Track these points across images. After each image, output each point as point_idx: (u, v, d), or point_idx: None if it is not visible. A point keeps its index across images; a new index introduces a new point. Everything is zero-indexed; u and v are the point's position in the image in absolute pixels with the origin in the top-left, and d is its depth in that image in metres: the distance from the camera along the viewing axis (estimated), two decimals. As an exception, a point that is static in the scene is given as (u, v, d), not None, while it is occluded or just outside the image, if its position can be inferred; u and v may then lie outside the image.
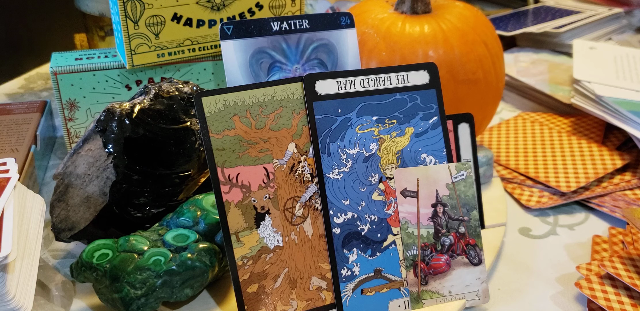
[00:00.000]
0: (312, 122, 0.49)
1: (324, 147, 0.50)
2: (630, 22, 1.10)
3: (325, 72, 0.50)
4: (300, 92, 0.50)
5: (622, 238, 0.61)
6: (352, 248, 0.50)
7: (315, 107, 0.49)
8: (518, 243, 0.62)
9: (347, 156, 0.50)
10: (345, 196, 0.50)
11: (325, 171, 0.50)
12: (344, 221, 0.50)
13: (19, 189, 0.48)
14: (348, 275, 0.50)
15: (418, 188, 0.51)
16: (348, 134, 0.50)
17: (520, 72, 0.94)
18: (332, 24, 0.57)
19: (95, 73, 0.66)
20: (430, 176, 0.51)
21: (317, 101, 0.50)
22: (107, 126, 0.53)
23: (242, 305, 0.48)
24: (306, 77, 0.49)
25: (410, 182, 0.51)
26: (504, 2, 1.25)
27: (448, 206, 0.52)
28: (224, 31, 0.53)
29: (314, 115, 0.49)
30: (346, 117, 0.50)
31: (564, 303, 0.54)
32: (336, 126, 0.50)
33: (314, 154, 0.50)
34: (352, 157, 0.50)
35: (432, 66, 0.53)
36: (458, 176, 0.52)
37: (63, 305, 0.51)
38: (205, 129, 0.47)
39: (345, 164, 0.50)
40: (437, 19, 0.65)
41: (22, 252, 0.44)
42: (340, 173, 0.50)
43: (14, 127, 0.71)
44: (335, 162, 0.50)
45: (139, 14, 0.62)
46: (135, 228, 0.56)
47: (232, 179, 0.48)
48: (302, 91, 0.50)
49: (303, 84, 0.49)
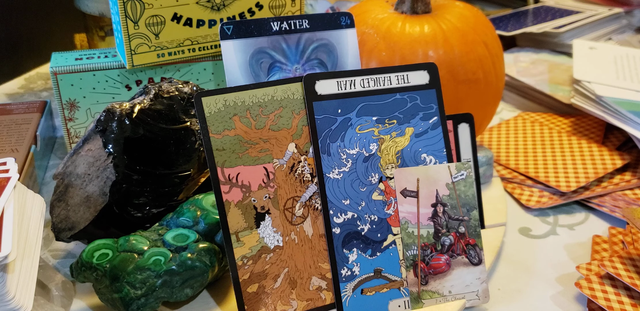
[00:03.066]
0: (312, 122, 0.49)
1: (324, 147, 0.50)
2: (630, 22, 1.10)
3: (326, 72, 0.50)
4: (300, 92, 0.50)
5: (622, 238, 0.61)
6: (352, 248, 0.50)
7: (315, 107, 0.49)
8: (518, 243, 0.62)
9: (347, 156, 0.50)
10: (345, 196, 0.50)
11: (325, 171, 0.50)
12: (344, 221, 0.50)
13: (19, 189, 0.48)
14: (348, 275, 0.50)
15: (418, 187, 0.51)
16: (348, 134, 0.50)
17: (520, 72, 0.94)
18: (332, 24, 0.57)
19: (95, 73, 0.66)
20: (430, 176, 0.51)
21: (317, 100, 0.50)
22: (107, 126, 0.53)
23: (242, 305, 0.48)
24: (306, 77, 0.49)
25: (410, 182, 0.51)
26: (504, 2, 1.25)
27: (448, 206, 0.52)
28: (224, 31, 0.53)
29: (314, 115, 0.49)
30: (346, 117, 0.50)
31: (564, 303, 0.54)
32: (336, 126, 0.50)
33: (314, 154, 0.50)
34: (352, 157, 0.50)
35: (432, 66, 0.53)
36: (458, 176, 0.52)
37: (63, 305, 0.51)
38: (205, 129, 0.47)
39: (345, 164, 0.50)
40: (437, 19, 0.65)
41: (22, 252, 0.44)
42: (340, 173, 0.50)
43: (14, 127, 0.71)
44: (335, 162, 0.50)
45: (139, 14, 0.62)
46: (135, 228, 0.56)
47: (232, 179, 0.48)
48: (302, 91, 0.50)
49: (303, 84, 0.49)
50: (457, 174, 0.52)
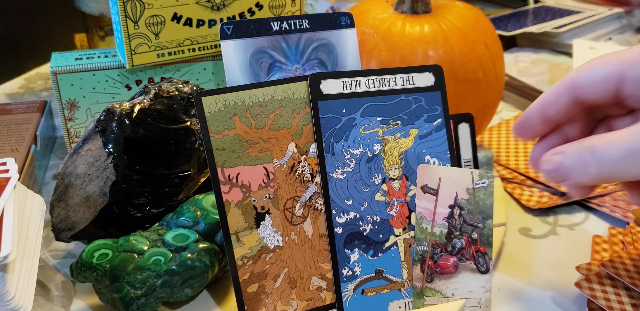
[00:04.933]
0: (316, 122, 0.49)
1: (328, 147, 0.50)
2: (630, 22, 1.10)
3: (331, 72, 0.50)
4: (300, 92, 0.50)
5: (622, 238, 0.61)
6: (353, 248, 0.50)
7: (320, 107, 0.49)
8: (518, 243, 0.62)
9: (351, 156, 0.50)
10: (348, 196, 0.50)
11: (328, 171, 0.50)
12: (346, 221, 0.50)
13: (19, 189, 0.48)
14: (349, 275, 0.50)
15: (439, 186, 0.51)
16: (352, 134, 0.50)
17: (520, 72, 0.94)
18: (332, 24, 0.57)
19: (95, 73, 0.66)
20: (452, 178, 0.52)
21: (322, 100, 0.49)
22: (107, 125, 0.53)
23: (242, 305, 0.48)
24: (312, 76, 0.49)
25: (432, 179, 0.51)
26: (504, 2, 1.25)
27: (465, 210, 0.52)
28: (223, 31, 0.53)
29: (318, 114, 0.49)
30: (351, 117, 0.50)
31: (564, 303, 0.54)
32: (340, 126, 0.50)
33: (318, 153, 0.50)
34: (355, 157, 0.50)
35: (438, 68, 0.53)
36: (479, 183, 0.52)
37: (63, 305, 0.51)
38: (205, 129, 0.47)
39: (349, 164, 0.50)
40: (437, 19, 0.65)
41: (22, 252, 0.44)
42: (343, 173, 0.50)
43: (13, 127, 0.71)
44: (339, 162, 0.50)
45: (139, 14, 0.62)
46: (135, 228, 0.56)
47: (232, 179, 0.48)
48: (302, 91, 0.50)
49: (308, 83, 0.49)
50: (478, 181, 0.52)
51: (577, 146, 0.44)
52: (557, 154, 0.45)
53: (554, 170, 0.45)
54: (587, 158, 0.43)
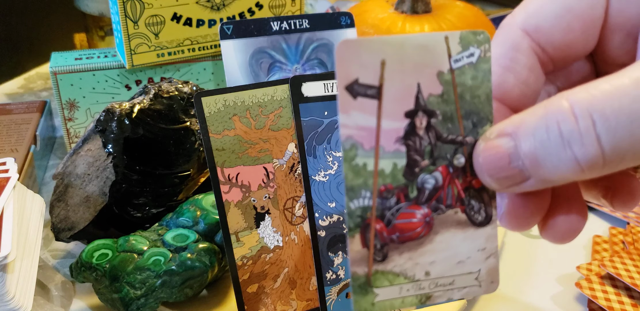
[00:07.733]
0: (297, 124, 0.49)
1: (310, 150, 0.49)
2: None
3: (312, 74, 0.50)
4: (300, 92, 0.50)
5: (622, 238, 0.61)
6: (337, 251, 0.50)
7: (302, 109, 0.49)
8: (518, 243, 0.62)
9: (334, 159, 0.50)
10: (331, 198, 0.50)
11: (311, 174, 0.49)
12: (330, 224, 0.50)
13: (19, 189, 0.48)
14: (333, 278, 0.50)
15: (382, 78, 0.27)
16: (334, 137, 0.50)
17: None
18: (332, 24, 0.57)
19: (95, 73, 0.66)
20: (408, 56, 0.27)
21: (304, 102, 0.49)
22: (107, 125, 0.53)
23: (242, 305, 0.48)
24: (292, 78, 0.49)
25: (366, 67, 0.26)
26: (504, 2, 1.25)
27: (438, 117, 0.28)
28: (223, 31, 0.53)
29: (300, 117, 0.49)
30: (333, 119, 0.50)
31: (564, 303, 0.54)
32: (322, 129, 0.50)
33: (300, 156, 0.49)
34: (338, 159, 0.50)
35: None
36: (462, 58, 0.28)
37: (63, 305, 0.51)
38: (205, 129, 0.47)
39: (332, 166, 0.50)
40: (437, 19, 0.65)
41: (22, 252, 0.44)
42: (326, 176, 0.50)
43: (13, 127, 0.71)
44: (322, 164, 0.50)
45: (139, 13, 0.62)
46: (135, 228, 0.56)
47: (232, 179, 0.48)
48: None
49: (289, 86, 0.49)
50: (461, 53, 0.28)
51: (541, 112, 0.25)
52: (502, 136, 0.26)
53: (500, 166, 0.26)
54: (571, 127, 0.24)
